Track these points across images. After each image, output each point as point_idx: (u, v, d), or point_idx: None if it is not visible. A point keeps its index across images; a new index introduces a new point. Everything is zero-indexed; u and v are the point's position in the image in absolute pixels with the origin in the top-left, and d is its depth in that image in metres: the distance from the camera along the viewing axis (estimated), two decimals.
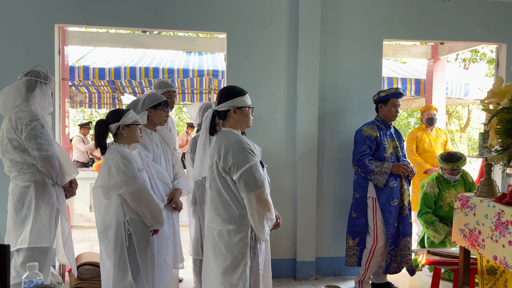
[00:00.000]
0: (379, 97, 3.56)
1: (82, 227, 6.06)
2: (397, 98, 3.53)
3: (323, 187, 4.02)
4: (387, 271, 3.51)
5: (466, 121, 14.15)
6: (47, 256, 2.67)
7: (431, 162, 5.09)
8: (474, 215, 2.61)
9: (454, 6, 4.14)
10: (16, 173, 2.63)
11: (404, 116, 14.89)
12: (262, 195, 2.13)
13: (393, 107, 3.52)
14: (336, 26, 4.00)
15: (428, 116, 5.21)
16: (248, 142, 2.24)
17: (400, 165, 3.45)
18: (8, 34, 3.59)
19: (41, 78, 2.74)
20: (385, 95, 3.52)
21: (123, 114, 2.54)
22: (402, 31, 4.09)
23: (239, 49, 3.89)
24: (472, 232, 2.61)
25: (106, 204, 2.45)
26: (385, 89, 3.57)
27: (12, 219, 2.63)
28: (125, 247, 2.39)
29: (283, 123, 3.98)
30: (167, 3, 3.76)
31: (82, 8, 3.67)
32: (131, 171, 2.39)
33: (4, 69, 3.58)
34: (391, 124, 3.63)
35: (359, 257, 3.53)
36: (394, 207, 3.44)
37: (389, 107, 3.52)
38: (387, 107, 3.53)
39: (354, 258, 3.54)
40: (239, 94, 2.28)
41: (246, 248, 2.15)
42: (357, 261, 3.54)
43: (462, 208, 2.74)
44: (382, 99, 3.54)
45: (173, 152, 3.20)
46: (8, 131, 2.58)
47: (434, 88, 6.26)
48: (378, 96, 3.57)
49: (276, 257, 3.86)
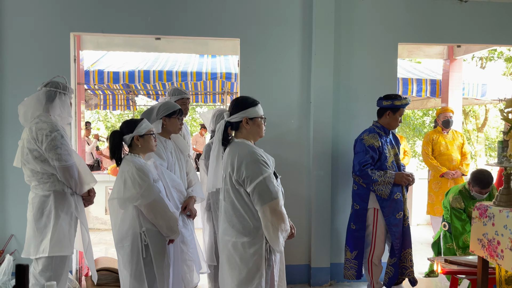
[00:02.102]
0: (392, 104, 3.40)
1: (98, 229, 6.14)
2: (405, 108, 3.45)
3: (337, 191, 4.00)
4: (392, 284, 3.46)
5: (483, 121, 13.88)
6: (66, 264, 2.72)
7: (448, 165, 5.02)
8: (493, 225, 2.56)
9: (470, 8, 4.06)
10: (36, 182, 2.68)
11: (419, 115, 14.70)
12: (276, 206, 2.13)
13: (399, 116, 3.43)
14: (350, 29, 3.96)
15: (444, 119, 5.13)
16: (261, 153, 2.23)
17: (403, 174, 3.37)
18: (25, 42, 3.66)
19: (60, 89, 2.79)
20: (400, 104, 3.39)
21: (137, 125, 2.56)
22: (417, 34, 4.03)
23: (252, 54, 3.89)
24: (490, 242, 2.57)
25: (122, 215, 2.47)
26: (398, 96, 3.42)
27: (32, 228, 2.68)
28: (141, 258, 2.42)
29: (297, 128, 3.97)
30: (180, 10, 3.78)
31: (97, 17, 3.72)
32: (147, 183, 2.41)
33: (21, 76, 3.65)
34: (390, 131, 3.53)
35: (358, 270, 3.45)
36: (399, 220, 3.38)
37: (397, 116, 3.42)
38: (394, 116, 3.42)
39: (353, 271, 3.46)
40: (251, 105, 2.28)
41: (261, 260, 2.15)
42: (356, 275, 3.46)
43: (481, 217, 2.69)
44: (393, 106, 3.40)
45: (187, 159, 3.22)
46: (28, 142, 2.63)
47: (450, 89, 6.16)
48: (392, 103, 3.40)
49: (291, 262, 3.86)
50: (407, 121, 14.32)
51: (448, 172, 4.91)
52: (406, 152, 6.61)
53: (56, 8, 3.67)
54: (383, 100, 3.45)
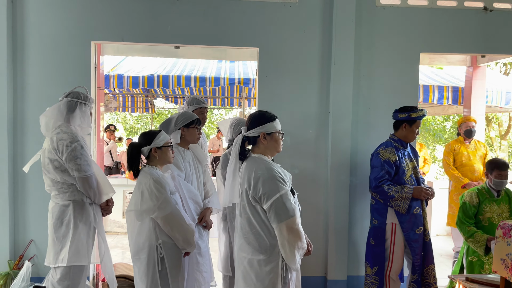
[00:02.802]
0: (408, 116, 3.32)
1: (115, 233, 6.21)
2: (421, 120, 3.36)
3: (355, 203, 3.94)
4: None
5: (506, 128, 13.51)
6: (83, 273, 2.76)
7: (470, 176, 4.89)
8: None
9: (495, 18, 3.95)
10: (56, 192, 2.73)
11: (440, 120, 14.42)
12: (293, 225, 2.10)
13: (416, 128, 3.35)
14: (370, 39, 3.90)
15: (466, 128, 5.00)
16: (279, 169, 2.21)
17: (421, 189, 3.27)
18: (47, 51, 3.73)
19: (81, 99, 2.83)
20: (416, 117, 3.31)
21: (155, 137, 2.57)
22: (440, 44, 3.94)
23: (271, 64, 3.87)
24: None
25: (138, 227, 2.49)
26: (414, 108, 3.34)
27: (51, 237, 2.74)
28: (157, 271, 2.43)
29: (315, 139, 3.93)
30: (199, 20, 3.79)
31: (117, 25, 3.76)
32: (164, 195, 2.42)
33: (43, 85, 3.73)
34: (407, 143, 3.44)
35: (379, 286, 3.37)
36: (419, 235, 3.30)
37: (413, 129, 3.33)
38: (411, 128, 3.34)
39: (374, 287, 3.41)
40: (269, 120, 2.26)
41: (277, 278, 2.13)
42: None
43: (504, 236, 2.61)
44: (409, 119, 3.32)
45: (205, 169, 3.22)
46: (49, 152, 2.68)
47: (473, 97, 6.00)
48: (408, 116, 3.33)
49: (306, 274, 3.82)
50: (427, 127, 14.07)
51: (470, 183, 4.79)
52: (426, 160, 6.48)
53: (77, 17, 3.73)
54: (399, 113, 3.39)
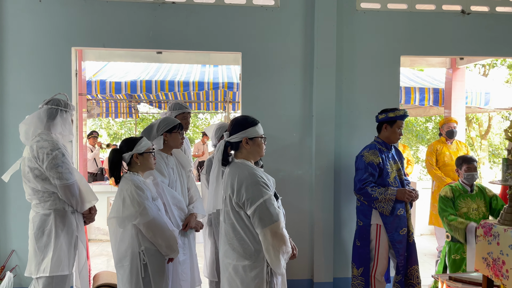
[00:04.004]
0: (386, 117, 3.36)
1: (100, 240, 6.12)
2: (403, 120, 3.38)
3: (340, 205, 3.97)
4: None
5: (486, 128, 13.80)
6: (66, 283, 2.70)
7: (452, 176, 4.97)
8: (497, 244, 2.52)
9: (473, 21, 4.04)
10: (37, 201, 2.67)
11: (422, 121, 14.65)
12: (277, 229, 2.10)
13: (398, 129, 3.37)
14: (352, 42, 3.95)
15: (448, 129, 5.10)
16: (262, 174, 2.21)
17: (405, 190, 3.30)
18: (26, 58, 3.66)
19: (62, 106, 2.78)
20: (394, 116, 3.34)
21: (136, 143, 2.55)
22: (420, 46, 4.01)
23: (254, 68, 3.88)
24: (495, 261, 2.53)
25: (121, 234, 2.45)
26: (393, 109, 3.39)
27: (33, 246, 2.67)
28: (140, 278, 2.40)
29: (299, 142, 3.95)
30: (181, 25, 3.78)
31: (98, 31, 3.72)
32: (145, 201, 2.40)
33: (23, 92, 3.66)
34: (391, 145, 3.48)
35: (365, 287, 3.40)
36: (403, 236, 3.34)
37: (394, 129, 3.36)
38: (392, 129, 3.37)
39: None
40: (251, 124, 2.26)
41: (263, 283, 2.12)
42: None
43: (485, 235, 2.66)
44: (388, 119, 3.36)
45: (189, 175, 3.21)
46: (29, 160, 2.62)
47: (453, 98, 6.14)
48: (386, 116, 3.36)
49: (293, 277, 3.82)
50: (410, 128, 14.28)
51: (452, 183, 4.85)
52: (410, 161, 6.57)
53: (57, 23, 3.68)
54: (379, 115, 3.44)
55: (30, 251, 2.69)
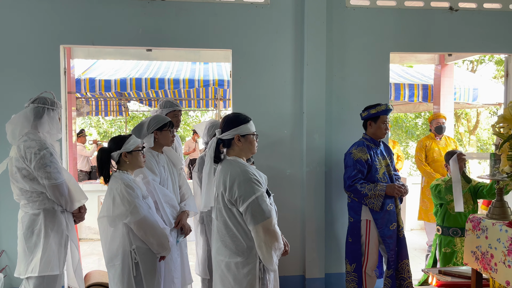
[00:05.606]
0: (368, 114, 3.38)
1: (91, 239, 6.08)
2: (387, 115, 3.39)
3: (331, 201, 3.99)
4: None
5: (475, 123, 13.97)
6: (57, 283, 2.68)
7: (441, 171, 5.03)
8: (486, 238, 2.56)
9: (461, 17, 4.08)
10: (26, 201, 2.64)
11: (411, 117, 14.78)
12: (269, 226, 2.11)
13: (382, 124, 3.38)
14: (342, 39, 3.96)
15: (437, 125, 5.15)
16: (254, 171, 2.21)
17: (394, 186, 3.32)
18: (14, 56, 3.61)
19: (49, 105, 2.74)
20: (375, 112, 3.35)
21: (125, 141, 2.53)
22: (409, 43, 4.04)
23: (245, 65, 3.88)
24: (484, 255, 2.57)
25: (111, 233, 2.44)
26: (375, 105, 3.39)
27: (22, 247, 2.64)
28: (132, 277, 2.39)
29: (290, 138, 3.95)
30: (172, 22, 3.75)
31: (86, 29, 3.68)
32: (136, 200, 2.39)
33: (11, 91, 3.60)
34: (380, 141, 3.50)
35: (359, 283, 3.42)
36: (393, 231, 3.37)
37: (379, 124, 3.38)
38: (376, 125, 3.38)
39: (353, 284, 3.43)
40: (242, 122, 2.26)
41: (255, 280, 2.13)
42: (357, 287, 3.44)
43: (474, 230, 2.70)
44: (371, 116, 3.37)
45: (180, 172, 3.20)
46: (17, 160, 2.59)
47: (442, 94, 6.20)
48: (368, 113, 3.38)
49: (285, 273, 3.84)
50: (400, 124, 14.40)
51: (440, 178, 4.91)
52: (400, 157, 6.63)
53: (45, 21, 3.63)
54: (362, 112, 3.47)
55: (20, 251, 2.66)
